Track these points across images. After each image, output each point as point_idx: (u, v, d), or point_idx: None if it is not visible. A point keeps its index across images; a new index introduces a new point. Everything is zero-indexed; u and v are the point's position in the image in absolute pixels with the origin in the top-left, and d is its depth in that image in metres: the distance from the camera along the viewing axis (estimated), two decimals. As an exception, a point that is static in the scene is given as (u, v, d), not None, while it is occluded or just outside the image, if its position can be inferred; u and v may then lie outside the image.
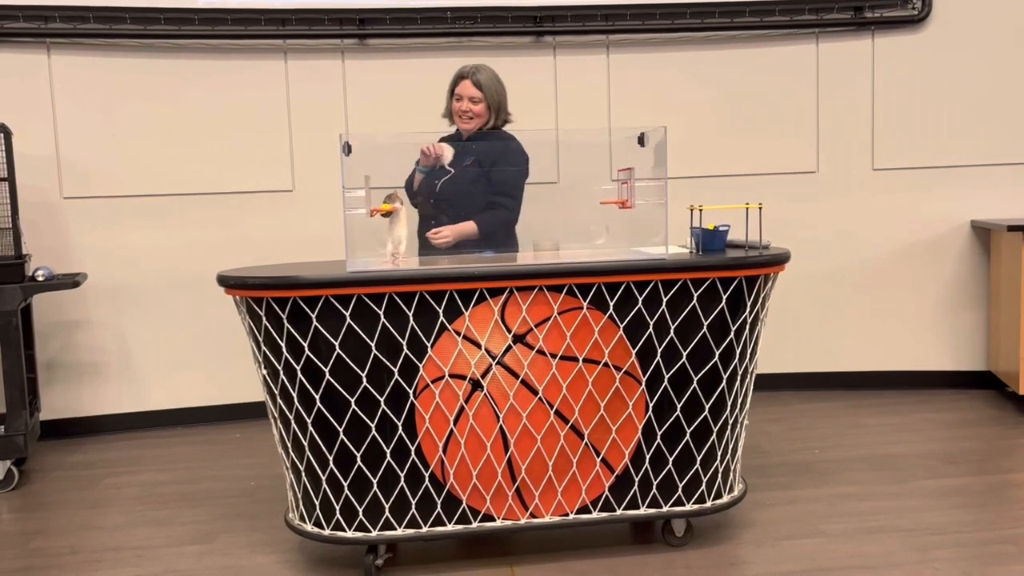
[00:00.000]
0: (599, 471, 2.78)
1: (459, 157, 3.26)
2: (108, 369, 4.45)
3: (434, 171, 3.31)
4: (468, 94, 3.33)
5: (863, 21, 4.59)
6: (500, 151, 3.32)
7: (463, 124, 3.38)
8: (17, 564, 2.94)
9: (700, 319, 2.74)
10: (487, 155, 3.30)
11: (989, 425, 4.11)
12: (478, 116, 3.35)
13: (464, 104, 3.34)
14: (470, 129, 3.38)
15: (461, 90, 3.35)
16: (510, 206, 3.34)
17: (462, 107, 3.34)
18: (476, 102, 3.33)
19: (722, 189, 4.59)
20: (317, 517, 2.75)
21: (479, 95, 3.32)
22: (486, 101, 3.34)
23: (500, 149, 3.33)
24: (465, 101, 3.34)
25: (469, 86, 3.33)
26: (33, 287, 3.68)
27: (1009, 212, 4.65)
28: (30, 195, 4.19)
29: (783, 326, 4.67)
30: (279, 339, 2.64)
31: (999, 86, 4.60)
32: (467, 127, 3.37)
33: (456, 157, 3.25)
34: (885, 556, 2.78)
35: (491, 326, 2.66)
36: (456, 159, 3.25)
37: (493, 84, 3.37)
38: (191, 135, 4.42)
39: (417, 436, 2.67)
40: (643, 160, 2.91)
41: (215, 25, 4.32)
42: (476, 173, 3.29)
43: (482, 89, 3.33)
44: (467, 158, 3.28)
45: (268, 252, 4.41)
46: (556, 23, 4.51)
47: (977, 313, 4.71)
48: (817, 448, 3.85)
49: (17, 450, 3.63)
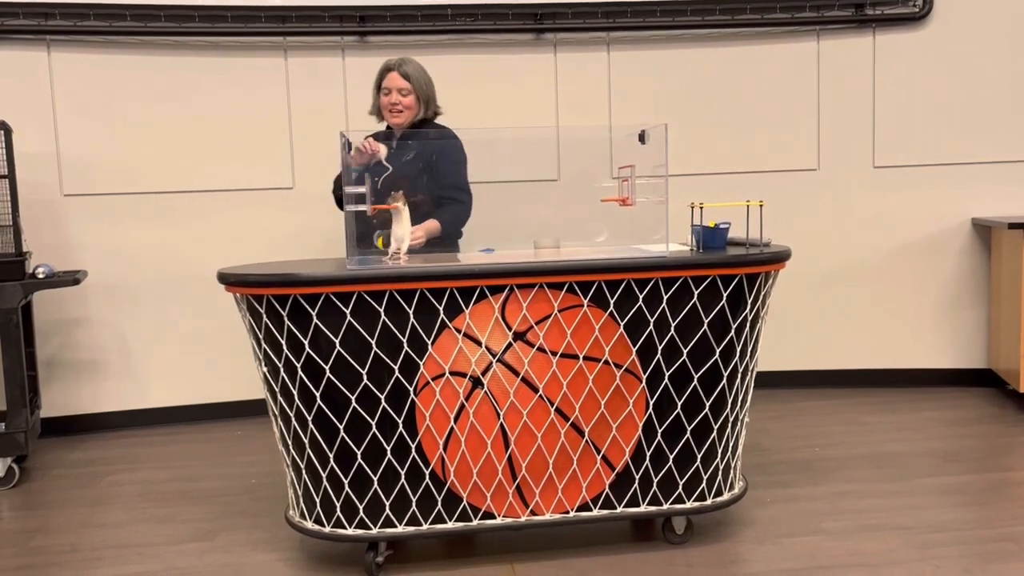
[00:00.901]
0: (599, 469, 2.78)
1: (396, 153, 3.18)
2: (108, 366, 4.45)
3: (369, 169, 3.23)
4: (396, 86, 3.25)
5: (864, 18, 4.58)
6: (439, 144, 3.25)
7: (393, 118, 3.29)
8: (18, 562, 2.94)
9: (701, 317, 2.74)
10: (426, 148, 3.22)
11: (989, 423, 4.10)
12: (408, 108, 3.26)
13: (393, 97, 3.25)
14: (400, 123, 3.29)
15: (388, 83, 3.26)
16: (466, 200, 3.29)
17: (391, 100, 3.25)
18: (405, 94, 3.25)
19: (723, 187, 4.60)
20: (318, 514, 2.75)
21: (407, 86, 3.24)
22: (415, 93, 3.26)
23: (439, 142, 3.25)
24: (394, 94, 3.25)
25: (397, 78, 3.25)
26: (33, 284, 3.68)
27: (1010, 210, 4.64)
28: (30, 193, 4.19)
29: (784, 324, 4.67)
30: (279, 336, 2.63)
31: (1000, 84, 4.59)
32: (397, 121, 3.29)
33: (394, 152, 3.17)
34: (885, 554, 2.78)
35: (491, 324, 2.66)
36: (393, 155, 3.17)
37: (421, 75, 3.29)
38: (191, 132, 4.41)
39: (417, 434, 2.67)
40: (644, 157, 2.91)
41: (215, 22, 4.32)
42: (416, 167, 3.21)
43: (410, 80, 3.25)
44: (406, 153, 3.19)
45: (268, 249, 4.41)
46: (557, 20, 4.51)
47: (978, 311, 4.71)
48: (818, 446, 3.85)
49: (17, 447, 3.63)
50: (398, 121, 3.29)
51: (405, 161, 3.21)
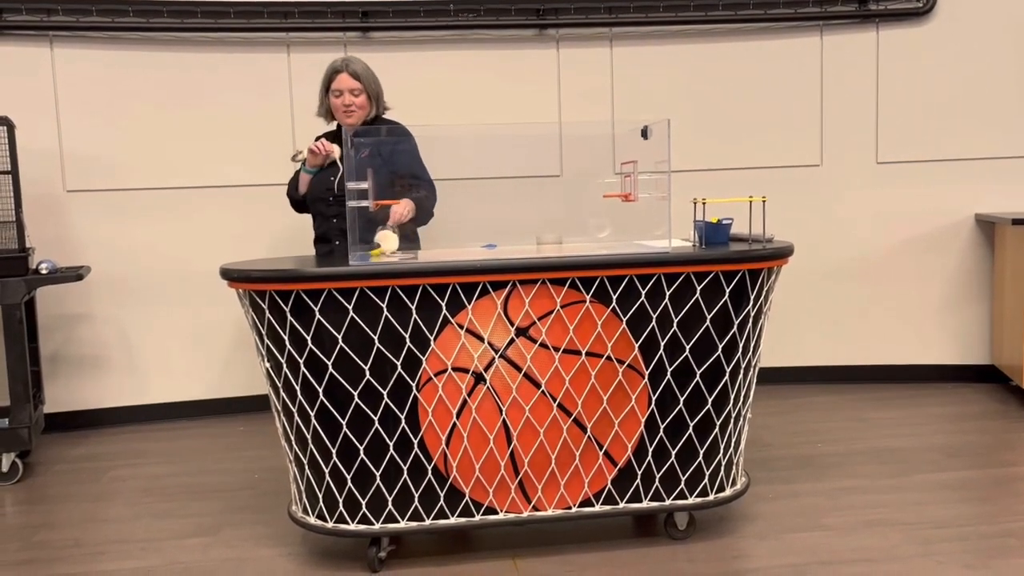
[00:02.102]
0: (602, 464, 2.78)
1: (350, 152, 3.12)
2: (111, 362, 4.46)
3: (324, 170, 3.24)
4: (347, 87, 3.23)
5: (867, 14, 4.57)
6: (392, 141, 3.23)
7: (347, 119, 3.27)
8: (21, 556, 2.95)
9: (703, 312, 2.74)
10: (382, 146, 3.20)
11: (992, 419, 4.10)
12: (360, 108, 3.25)
13: (346, 98, 3.23)
14: (354, 123, 3.26)
15: (339, 84, 3.24)
16: (432, 189, 3.29)
17: (344, 101, 3.23)
18: (357, 94, 3.23)
19: (725, 182, 4.59)
20: (320, 510, 2.75)
21: (359, 86, 3.23)
22: (366, 92, 3.24)
23: (392, 139, 3.24)
24: (346, 95, 3.23)
25: (347, 79, 3.23)
26: (36, 280, 3.69)
27: (1013, 205, 4.64)
28: (33, 188, 4.20)
29: (786, 319, 4.67)
30: (282, 332, 2.64)
31: (1003, 79, 4.58)
32: (351, 121, 3.26)
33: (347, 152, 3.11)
34: (887, 549, 2.79)
35: (494, 319, 2.66)
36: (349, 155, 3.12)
37: (369, 73, 3.27)
38: (194, 128, 4.42)
39: (420, 429, 2.68)
40: (646, 153, 2.91)
41: (218, 18, 4.32)
42: (373, 164, 3.16)
43: (360, 80, 3.23)
44: (361, 150, 3.15)
45: (271, 245, 4.42)
46: (559, 16, 4.50)
47: (981, 307, 4.70)
48: (820, 442, 3.85)
49: (21, 443, 3.64)
50: (351, 121, 3.27)
51: (361, 158, 3.17)
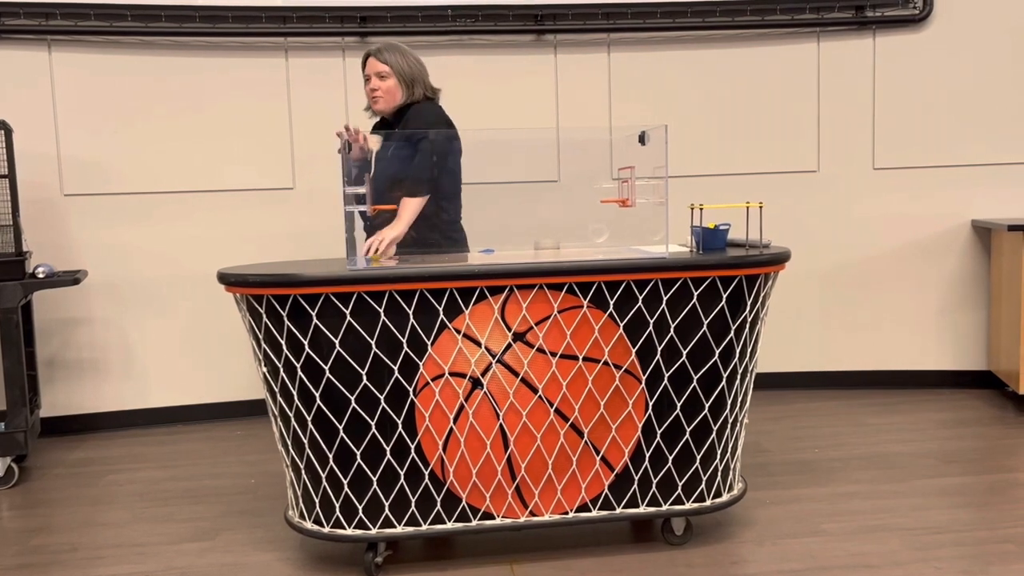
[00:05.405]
0: (599, 469, 2.78)
1: (384, 145, 3.04)
2: (108, 366, 4.46)
3: (363, 165, 3.07)
4: (374, 71, 3.09)
5: (864, 20, 4.58)
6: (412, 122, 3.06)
7: (374, 104, 3.14)
8: (18, 561, 2.94)
9: (700, 318, 2.74)
10: (392, 137, 3.06)
11: (989, 424, 4.11)
12: (388, 93, 3.10)
13: (373, 82, 3.10)
14: (382, 109, 3.14)
15: (368, 70, 3.11)
16: (431, 190, 3.08)
17: (371, 86, 3.11)
18: (384, 77, 3.08)
19: (723, 188, 4.60)
20: (317, 515, 2.75)
21: (386, 69, 3.07)
22: (395, 75, 3.08)
23: (413, 123, 3.06)
24: (373, 79, 3.10)
25: (373, 62, 3.09)
26: (34, 284, 3.68)
27: (1010, 212, 4.65)
28: (31, 192, 4.20)
29: (783, 325, 4.68)
30: (279, 337, 2.64)
31: (1000, 85, 4.60)
32: (379, 107, 3.14)
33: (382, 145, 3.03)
34: (886, 555, 2.78)
35: (491, 324, 2.66)
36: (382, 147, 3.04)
37: (402, 57, 3.10)
38: (191, 133, 4.42)
39: (417, 434, 2.67)
40: (644, 159, 2.91)
41: (216, 23, 4.32)
42: (380, 162, 3.03)
43: (387, 63, 3.07)
44: (387, 144, 3.06)
45: (268, 249, 4.42)
46: (557, 21, 4.51)
47: (977, 313, 4.71)
48: (818, 447, 3.85)
49: (18, 447, 3.63)
50: (379, 107, 3.15)
51: (388, 156, 3.06)
